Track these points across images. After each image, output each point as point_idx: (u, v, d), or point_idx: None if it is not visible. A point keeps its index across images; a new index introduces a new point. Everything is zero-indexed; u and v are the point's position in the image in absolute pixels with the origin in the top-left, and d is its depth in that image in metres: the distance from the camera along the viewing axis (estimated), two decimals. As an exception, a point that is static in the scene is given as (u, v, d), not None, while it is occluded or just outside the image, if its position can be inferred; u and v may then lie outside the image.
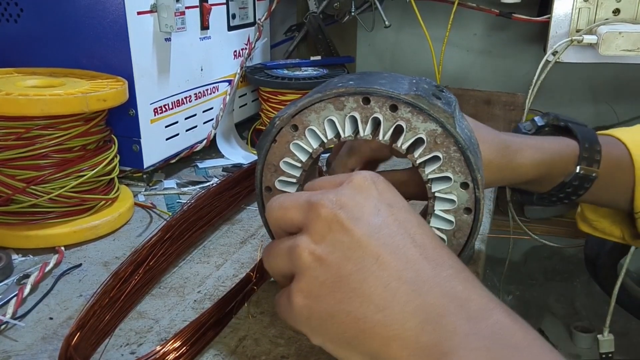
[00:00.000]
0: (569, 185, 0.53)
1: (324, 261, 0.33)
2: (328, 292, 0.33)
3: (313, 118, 0.43)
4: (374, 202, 0.35)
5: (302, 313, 0.34)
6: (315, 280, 0.33)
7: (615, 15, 0.89)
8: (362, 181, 0.36)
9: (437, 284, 0.32)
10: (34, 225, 0.60)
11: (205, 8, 0.82)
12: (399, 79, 0.43)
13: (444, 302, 0.31)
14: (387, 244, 0.33)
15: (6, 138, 0.57)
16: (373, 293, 0.32)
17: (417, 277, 0.32)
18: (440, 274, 0.33)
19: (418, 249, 0.33)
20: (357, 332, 0.32)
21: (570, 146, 0.53)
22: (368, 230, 0.33)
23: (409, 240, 0.34)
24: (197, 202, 0.63)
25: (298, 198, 0.37)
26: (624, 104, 1.19)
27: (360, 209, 0.34)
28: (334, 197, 0.35)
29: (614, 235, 0.60)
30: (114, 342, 0.46)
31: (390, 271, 0.32)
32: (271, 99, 0.93)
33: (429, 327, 0.30)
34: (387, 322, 0.31)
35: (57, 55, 0.72)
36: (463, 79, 1.25)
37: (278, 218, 0.37)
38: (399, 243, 0.33)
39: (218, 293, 0.53)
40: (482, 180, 0.41)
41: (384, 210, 0.35)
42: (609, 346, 0.99)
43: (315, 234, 0.34)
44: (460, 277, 0.33)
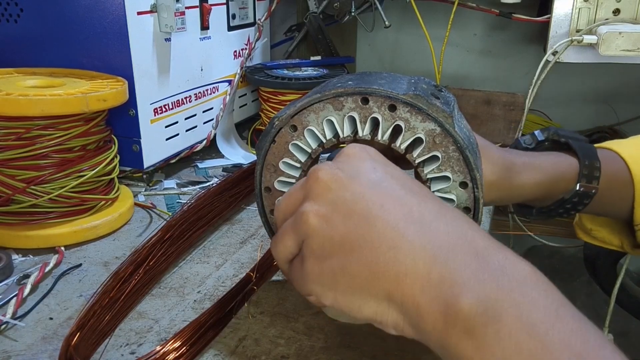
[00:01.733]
0: (568, 201, 0.53)
1: (330, 218, 0.34)
2: (338, 247, 0.33)
3: (312, 118, 0.43)
4: (370, 163, 0.36)
5: (314, 271, 0.34)
6: (323, 238, 0.34)
7: (615, 15, 0.89)
8: (354, 149, 0.37)
9: (443, 223, 0.33)
10: (34, 225, 0.60)
11: (205, 8, 0.82)
12: (398, 79, 0.43)
13: (451, 238, 0.32)
14: (388, 193, 0.34)
15: (6, 138, 0.57)
16: (382, 236, 0.33)
17: (422, 218, 0.33)
18: (445, 216, 0.34)
19: (419, 197, 0.35)
20: (369, 275, 0.33)
21: (571, 165, 0.53)
22: (368, 184, 0.35)
23: (409, 191, 0.35)
24: (197, 202, 0.63)
25: (299, 182, 0.38)
26: (624, 104, 1.19)
27: (357, 169, 0.36)
28: (332, 164, 0.36)
29: (613, 244, 0.60)
30: (114, 342, 0.46)
31: (396, 214, 0.33)
32: (271, 99, 0.93)
33: (438, 262, 0.31)
34: (398, 259, 0.32)
35: (57, 55, 0.72)
36: (463, 79, 1.25)
37: (284, 209, 0.38)
38: (400, 193, 0.35)
39: (218, 293, 0.53)
40: (481, 180, 0.41)
41: (380, 169, 0.36)
42: (608, 346, 0.98)
43: (317, 196, 0.35)
44: (464, 219, 0.34)
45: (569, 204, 0.54)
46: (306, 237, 0.35)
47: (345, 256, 0.33)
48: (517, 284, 0.30)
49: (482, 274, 0.30)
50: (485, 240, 0.33)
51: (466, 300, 0.29)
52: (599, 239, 0.60)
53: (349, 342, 0.46)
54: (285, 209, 0.38)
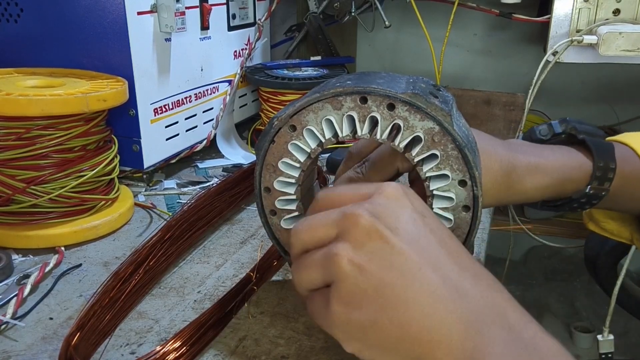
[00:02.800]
0: (575, 201, 0.52)
1: (365, 269, 0.33)
2: (370, 300, 0.33)
3: (311, 118, 0.43)
4: (409, 212, 0.35)
5: (341, 320, 0.34)
6: (355, 287, 0.33)
7: (616, 15, 0.89)
8: (394, 192, 0.36)
9: (478, 293, 0.33)
10: (34, 225, 0.60)
11: (205, 8, 0.82)
12: (397, 79, 0.43)
13: (486, 310, 0.32)
14: (426, 253, 0.33)
15: (6, 138, 0.58)
16: (418, 299, 0.32)
17: (459, 285, 0.33)
18: (479, 285, 0.33)
19: (455, 260, 0.34)
20: (400, 338, 0.32)
21: (582, 166, 0.51)
22: (407, 239, 0.34)
23: (446, 250, 0.34)
24: (197, 202, 0.63)
25: (328, 215, 0.36)
26: (624, 104, 1.19)
27: (396, 219, 0.34)
28: (370, 207, 0.35)
29: (623, 237, 0.59)
30: (114, 342, 0.46)
31: (433, 279, 0.33)
32: (271, 99, 0.93)
33: (472, 333, 0.31)
34: (433, 328, 0.31)
35: (57, 55, 0.72)
36: (463, 79, 1.25)
37: (306, 240, 0.37)
38: (438, 253, 0.34)
39: (218, 293, 0.53)
40: (480, 178, 0.41)
41: (419, 220, 0.35)
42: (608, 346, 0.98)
43: (354, 242, 0.34)
44: (496, 288, 0.34)
45: (575, 204, 0.53)
46: (337, 280, 0.34)
47: (376, 311, 0.33)
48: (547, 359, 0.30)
49: (514, 348, 0.30)
50: (517, 312, 0.33)
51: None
52: (608, 231, 0.59)
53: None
54: (309, 239, 0.37)
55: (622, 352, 1.21)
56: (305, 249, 0.37)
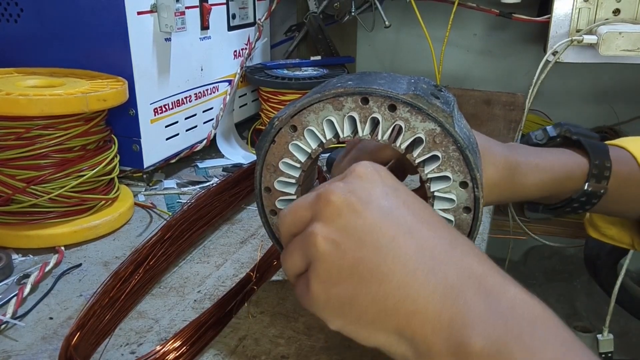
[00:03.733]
0: (576, 201, 0.53)
1: (339, 245, 0.33)
2: (346, 276, 0.33)
3: (312, 118, 0.43)
4: (381, 187, 0.36)
5: (320, 298, 0.34)
6: (331, 265, 0.34)
7: (616, 15, 0.89)
8: (365, 169, 0.37)
9: (454, 260, 0.33)
10: (34, 225, 0.60)
11: (205, 8, 0.82)
12: (398, 79, 0.43)
13: (462, 278, 0.32)
14: (400, 224, 0.34)
15: (6, 138, 0.58)
16: (392, 272, 0.32)
17: (433, 255, 0.33)
18: (455, 251, 0.34)
19: (429, 228, 0.34)
20: (379, 311, 0.32)
21: (580, 165, 0.52)
22: (379, 212, 0.34)
23: (419, 220, 0.35)
24: (197, 202, 0.63)
25: (305, 197, 0.37)
26: (624, 104, 1.19)
27: (368, 194, 0.35)
28: (341, 184, 0.35)
29: (624, 242, 0.59)
30: (114, 342, 0.46)
31: (407, 250, 0.33)
32: (271, 99, 0.93)
33: (449, 302, 0.31)
34: (409, 298, 0.32)
35: (57, 55, 0.72)
36: (463, 79, 1.25)
37: (289, 223, 0.37)
38: (411, 224, 0.34)
39: (218, 293, 0.53)
40: (481, 180, 0.41)
41: (391, 194, 0.35)
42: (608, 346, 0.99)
43: (327, 219, 0.34)
44: (473, 253, 0.34)
45: (576, 203, 0.53)
46: (313, 259, 0.34)
47: (353, 287, 0.33)
48: (527, 324, 0.30)
49: (492, 315, 0.30)
50: (495, 277, 0.33)
51: (477, 342, 0.29)
52: (609, 237, 0.60)
53: (349, 342, 0.46)
54: (290, 224, 0.37)
55: (622, 352, 1.21)
56: (290, 234, 0.38)
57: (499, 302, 0.31)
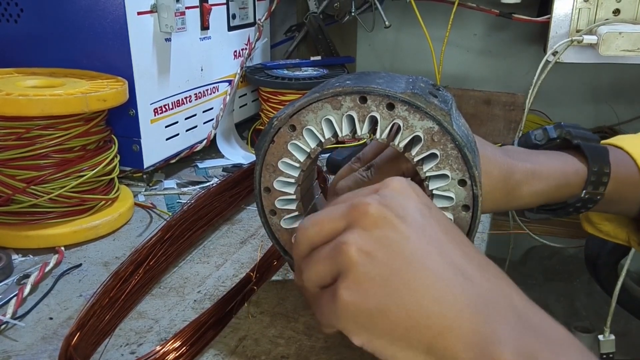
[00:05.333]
0: (571, 206, 0.53)
1: (374, 256, 0.33)
2: (378, 287, 0.32)
3: (311, 118, 0.43)
4: (415, 202, 0.36)
5: (349, 309, 0.33)
6: (364, 275, 0.33)
7: (616, 15, 0.89)
8: (400, 184, 0.37)
9: (484, 279, 0.33)
10: (34, 225, 0.60)
11: (205, 8, 0.82)
12: (396, 78, 0.43)
13: (493, 296, 0.32)
14: (433, 240, 0.34)
15: (6, 138, 0.58)
16: (427, 286, 0.32)
17: (465, 272, 0.33)
18: (485, 272, 0.34)
19: (462, 248, 0.35)
20: (410, 325, 0.32)
21: (578, 171, 0.51)
22: (415, 227, 0.34)
23: (451, 240, 0.35)
24: (197, 202, 0.63)
25: (336, 209, 0.36)
26: (624, 104, 1.19)
27: (404, 208, 0.35)
28: (378, 197, 0.35)
29: (619, 238, 0.59)
30: (114, 342, 0.46)
31: (441, 266, 0.33)
32: (271, 99, 0.93)
33: (482, 319, 0.31)
34: (442, 313, 0.31)
35: (57, 55, 0.72)
36: (463, 79, 1.25)
37: (313, 234, 0.37)
38: (444, 242, 0.34)
39: (218, 293, 0.53)
40: (479, 178, 0.41)
41: (425, 210, 0.36)
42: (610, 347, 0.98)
43: (362, 230, 0.34)
44: (501, 276, 0.35)
45: (571, 208, 0.53)
46: (345, 270, 0.34)
47: (385, 299, 0.32)
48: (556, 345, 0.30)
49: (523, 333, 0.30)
50: (523, 300, 0.33)
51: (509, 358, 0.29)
52: (604, 233, 0.60)
53: (349, 342, 0.46)
54: (314, 235, 0.36)
55: (622, 353, 1.21)
56: (312, 245, 0.37)
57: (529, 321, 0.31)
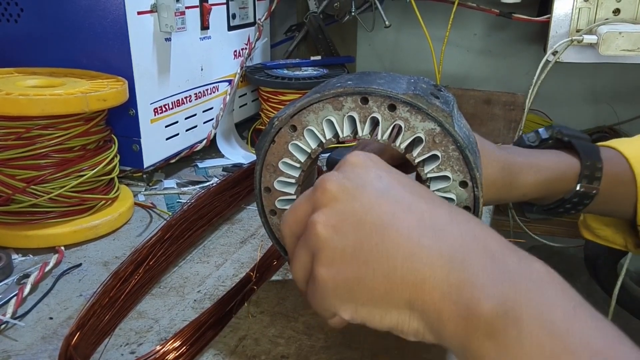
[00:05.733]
0: (568, 201, 0.53)
1: (340, 229, 0.33)
2: (350, 258, 0.33)
3: (312, 118, 0.43)
4: (375, 171, 0.36)
5: (328, 285, 0.34)
6: (334, 249, 0.33)
7: (616, 15, 0.89)
8: (357, 157, 0.37)
9: (456, 226, 0.33)
10: (34, 225, 0.60)
11: (205, 8, 0.82)
12: (397, 79, 0.43)
13: (466, 241, 0.32)
14: (397, 201, 0.34)
15: (6, 138, 0.58)
16: (397, 245, 0.32)
17: (435, 224, 0.33)
18: (457, 219, 0.34)
19: (428, 202, 0.35)
20: (388, 286, 0.32)
21: (571, 165, 0.53)
22: (376, 193, 0.34)
23: (417, 196, 0.35)
24: (197, 201, 0.63)
25: (304, 194, 0.37)
26: (624, 104, 1.19)
27: (363, 178, 0.35)
28: (336, 173, 0.36)
29: (617, 243, 0.60)
30: (114, 341, 0.46)
31: (408, 221, 0.33)
32: (271, 98, 0.93)
33: (456, 266, 0.31)
34: (415, 267, 0.32)
35: (57, 55, 0.72)
36: (463, 79, 1.25)
37: (291, 222, 0.37)
38: (409, 199, 0.34)
39: (218, 293, 0.53)
40: (480, 179, 0.41)
41: (386, 176, 0.36)
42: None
43: (324, 207, 0.34)
44: (474, 221, 0.34)
45: (569, 204, 0.54)
46: (316, 249, 0.34)
47: (359, 267, 0.33)
48: (534, 285, 0.30)
49: (500, 276, 0.30)
50: (498, 242, 0.33)
51: (486, 303, 0.29)
52: (602, 238, 0.60)
53: (349, 341, 0.46)
54: (292, 223, 0.37)
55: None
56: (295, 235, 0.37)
57: (505, 263, 0.31)
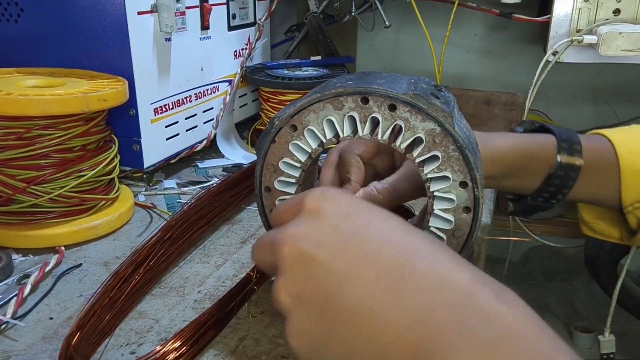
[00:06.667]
0: (555, 176, 0.53)
1: (301, 297, 0.33)
2: (315, 325, 0.33)
3: (312, 118, 0.43)
4: (331, 222, 0.34)
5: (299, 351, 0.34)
6: (299, 320, 0.33)
7: (616, 15, 0.89)
8: (313, 203, 0.35)
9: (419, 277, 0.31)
10: (34, 225, 0.60)
11: (206, 8, 0.82)
12: (398, 79, 0.43)
13: (429, 295, 0.31)
14: (356, 257, 0.32)
15: (6, 138, 0.57)
16: (357, 307, 0.31)
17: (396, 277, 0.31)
18: (419, 265, 0.32)
19: (388, 246, 0.33)
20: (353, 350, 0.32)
21: (548, 138, 0.54)
22: (332, 252, 0.33)
23: (377, 243, 0.33)
24: (197, 202, 0.63)
25: (265, 239, 0.37)
26: (624, 104, 1.19)
27: (319, 234, 0.34)
28: (292, 230, 0.34)
29: (613, 236, 0.60)
30: (114, 342, 0.46)
31: (367, 281, 0.32)
32: (271, 99, 0.93)
33: (420, 325, 0.30)
34: (379, 329, 0.31)
35: (57, 55, 0.72)
36: (463, 79, 1.25)
37: (258, 261, 0.38)
38: (368, 250, 0.33)
39: (218, 293, 0.53)
40: (481, 179, 0.41)
41: (342, 224, 0.34)
42: (610, 347, 0.99)
43: (284, 274, 0.34)
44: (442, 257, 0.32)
45: (556, 179, 0.53)
46: (284, 314, 0.34)
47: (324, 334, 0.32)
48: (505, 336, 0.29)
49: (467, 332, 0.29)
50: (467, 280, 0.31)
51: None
52: (599, 232, 0.60)
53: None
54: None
55: (622, 353, 1.21)
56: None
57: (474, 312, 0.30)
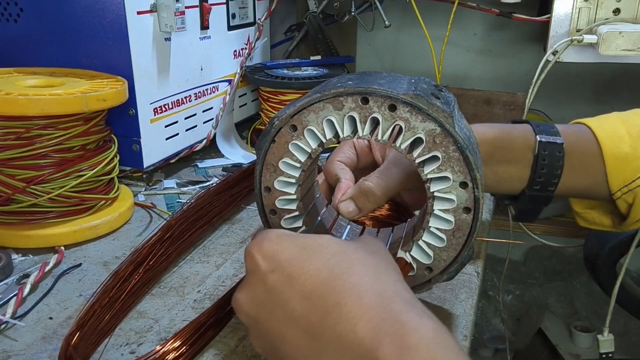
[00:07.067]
0: (541, 157, 0.53)
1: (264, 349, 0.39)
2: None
3: (312, 118, 0.43)
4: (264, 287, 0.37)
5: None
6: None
7: (616, 15, 0.89)
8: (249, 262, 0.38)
9: (327, 338, 0.33)
10: (34, 225, 0.60)
11: (205, 8, 0.82)
12: (398, 79, 0.43)
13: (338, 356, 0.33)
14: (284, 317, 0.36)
15: (6, 138, 0.57)
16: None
17: (316, 335, 0.34)
18: (330, 322, 0.34)
19: (307, 302, 0.35)
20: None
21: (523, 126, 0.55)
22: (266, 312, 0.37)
23: (297, 300, 0.35)
24: (197, 201, 0.63)
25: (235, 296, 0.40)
26: (624, 104, 1.19)
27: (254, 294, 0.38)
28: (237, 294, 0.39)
29: (605, 225, 0.60)
30: (114, 341, 0.46)
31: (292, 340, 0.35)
32: (271, 98, 0.93)
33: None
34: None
35: (57, 55, 0.72)
36: (463, 79, 1.25)
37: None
38: (291, 308, 0.35)
39: (218, 293, 0.53)
40: (481, 180, 0.41)
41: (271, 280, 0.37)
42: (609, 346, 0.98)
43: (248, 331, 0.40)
44: (345, 312, 0.34)
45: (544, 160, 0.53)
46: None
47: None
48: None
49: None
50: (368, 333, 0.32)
51: None
52: (590, 222, 0.61)
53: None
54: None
55: (622, 352, 1.21)
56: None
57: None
